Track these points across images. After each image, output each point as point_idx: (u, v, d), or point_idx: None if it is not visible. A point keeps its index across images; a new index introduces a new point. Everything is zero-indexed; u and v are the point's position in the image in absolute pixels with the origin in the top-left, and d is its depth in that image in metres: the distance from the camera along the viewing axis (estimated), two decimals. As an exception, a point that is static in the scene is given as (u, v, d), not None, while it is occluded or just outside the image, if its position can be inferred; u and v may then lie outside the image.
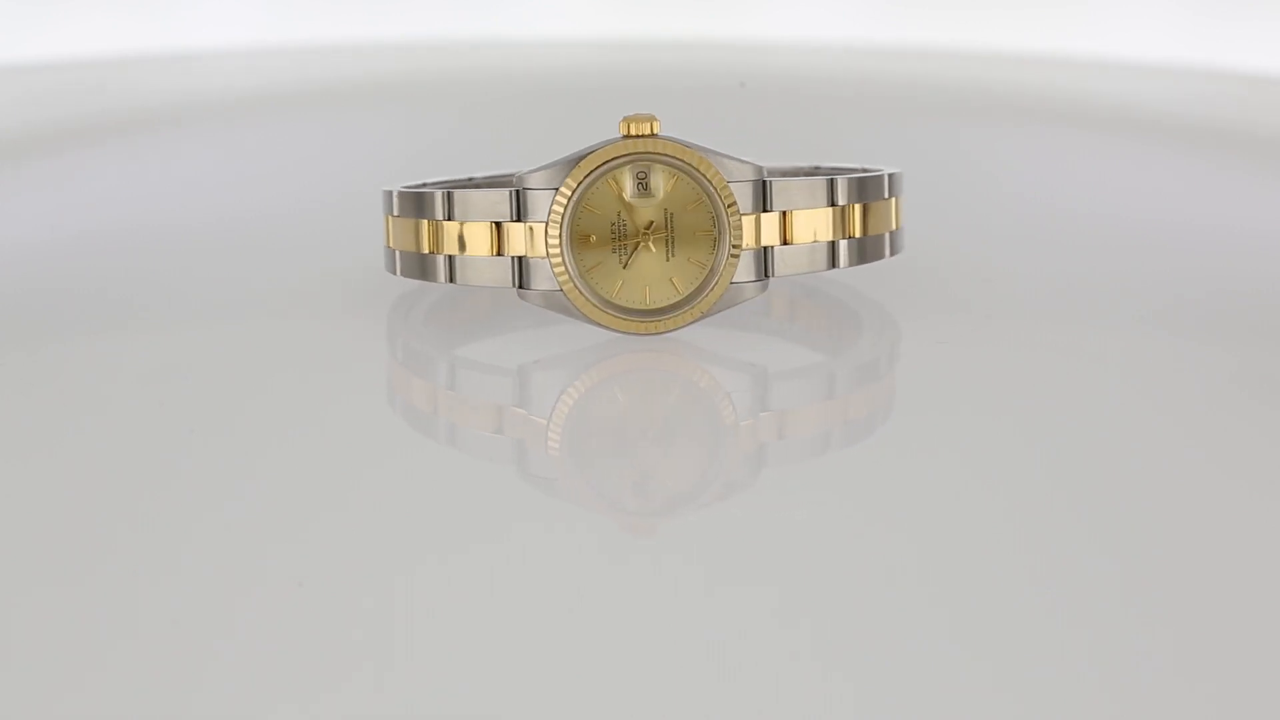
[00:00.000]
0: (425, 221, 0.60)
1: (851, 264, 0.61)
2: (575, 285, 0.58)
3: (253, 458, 0.52)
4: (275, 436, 0.54)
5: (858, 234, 0.61)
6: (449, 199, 0.60)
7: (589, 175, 0.58)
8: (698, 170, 0.58)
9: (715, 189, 0.58)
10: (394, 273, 0.62)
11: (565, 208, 0.58)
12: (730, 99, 1.00)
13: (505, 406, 0.58)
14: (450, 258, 0.60)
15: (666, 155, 0.58)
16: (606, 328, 0.59)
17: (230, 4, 1.23)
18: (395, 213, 0.62)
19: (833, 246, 0.60)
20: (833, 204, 0.60)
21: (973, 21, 1.23)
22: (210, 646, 0.42)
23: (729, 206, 0.58)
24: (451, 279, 0.60)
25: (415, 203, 0.61)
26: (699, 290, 0.58)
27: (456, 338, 0.65)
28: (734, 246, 0.58)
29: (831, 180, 0.60)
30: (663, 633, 0.42)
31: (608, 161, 0.58)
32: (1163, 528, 0.48)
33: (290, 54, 1.20)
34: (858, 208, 0.61)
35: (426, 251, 0.61)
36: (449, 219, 0.60)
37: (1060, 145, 0.95)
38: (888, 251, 0.62)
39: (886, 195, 0.62)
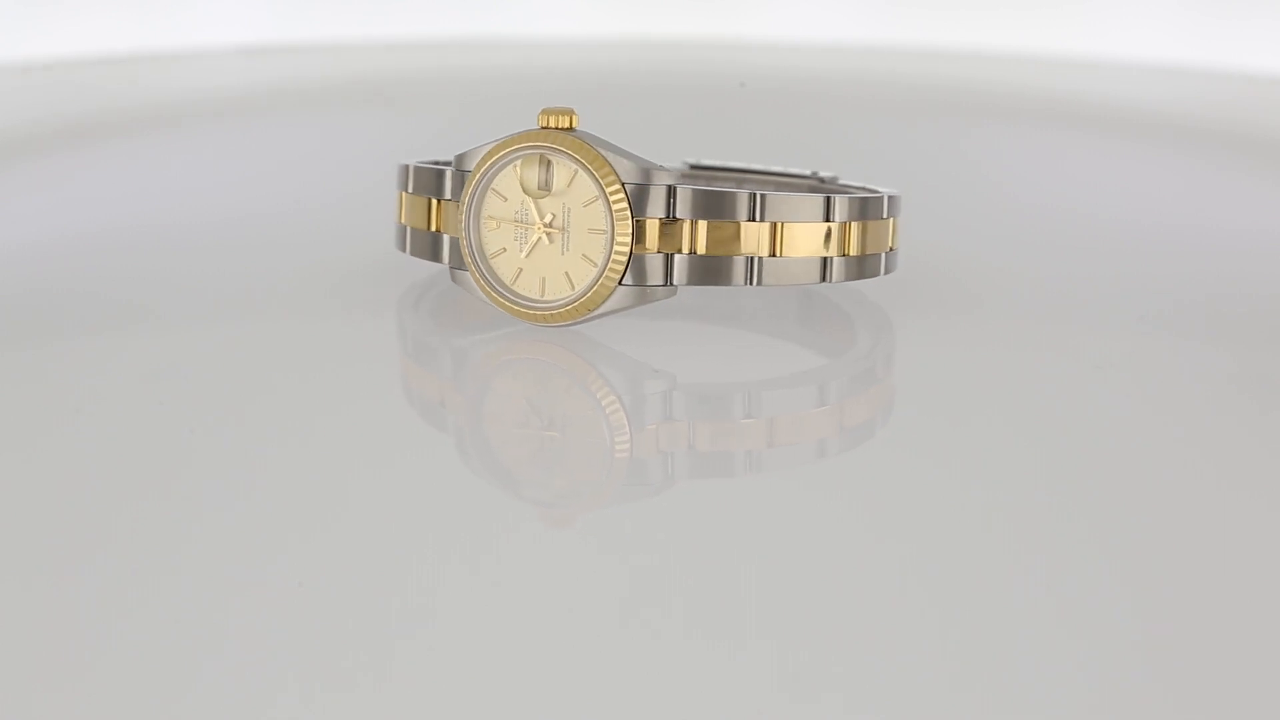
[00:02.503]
0: (433, 200, 0.61)
1: (846, 279, 0.61)
2: (477, 267, 0.59)
3: (247, 454, 0.52)
4: (254, 429, 0.54)
5: (853, 252, 0.60)
6: (459, 178, 0.60)
7: (494, 161, 0.58)
8: (591, 169, 0.57)
9: (605, 189, 0.57)
10: (403, 250, 0.63)
11: (472, 191, 0.59)
12: (730, 99, 1.00)
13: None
14: (455, 240, 0.61)
15: (564, 150, 0.57)
16: (504, 313, 0.59)
17: (232, 4, 1.23)
18: (410, 190, 0.62)
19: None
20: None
21: (972, 22, 1.23)
22: (210, 646, 0.42)
23: (617, 208, 0.57)
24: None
25: (429, 180, 0.61)
26: (589, 288, 0.58)
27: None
28: (619, 248, 0.58)
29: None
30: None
31: (512, 150, 0.58)
32: (1160, 527, 0.48)
33: (289, 53, 1.20)
34: (854, 226, 0.60)
35: (435, 230, 0.61)
36: (453, 199, 0.60)
37: (1061, 146, 0.95)
38: (881, 270, 0.62)
39: (884, 216, 0.61)
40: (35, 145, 0.91)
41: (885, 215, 0.61)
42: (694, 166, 0.69)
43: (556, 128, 0.58)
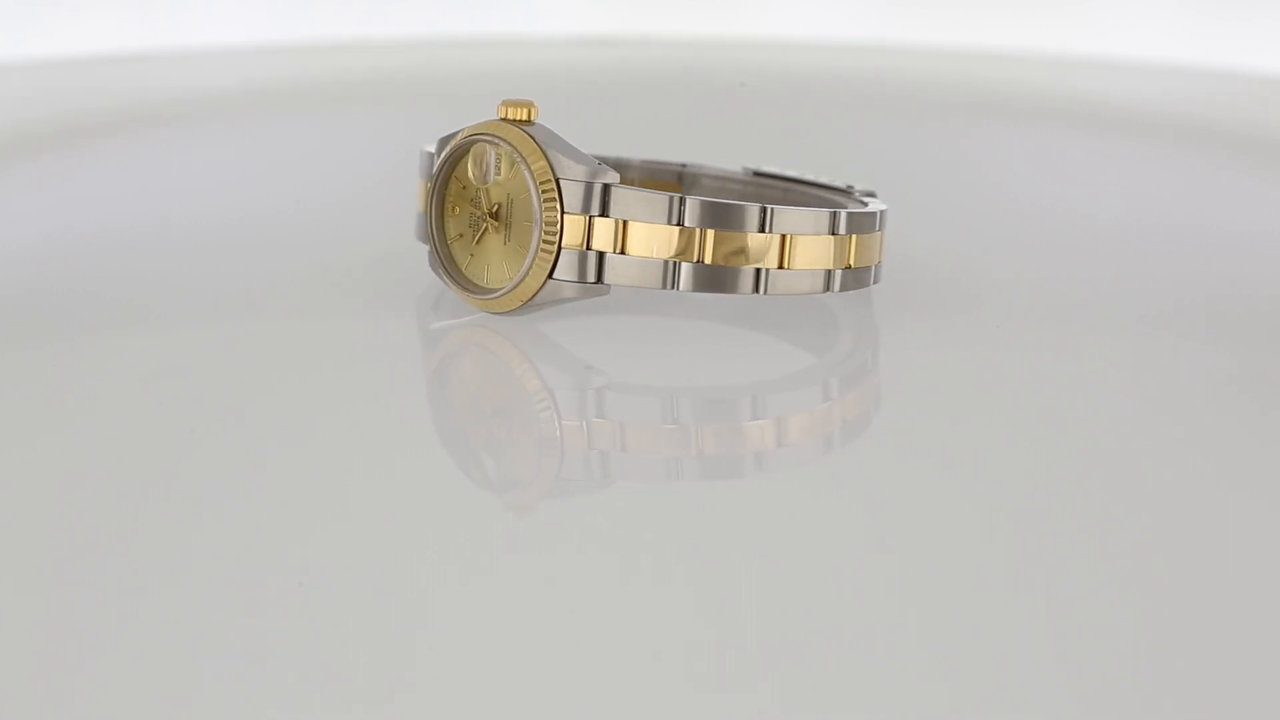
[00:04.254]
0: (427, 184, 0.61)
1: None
2: (437, 250, 0.60)
3: (246, 454, 0.52)
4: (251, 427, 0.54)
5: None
6: None
7: (453, 149, 0.59)
8: (527, 162, 0.58)
9: (537, 182, 0.57)
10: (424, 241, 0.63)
11: (436, 176, 0.60)
12: (730, 98, 1.00)
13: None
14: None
15: (507, 142, 0.58)
16: (458, 295, 0.60)
17: (232, 3, 1.23)
18: (420, 175, 0.63)
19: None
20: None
21: (971, 21, 1.23)
22: (210, 647, 0.42)
23: (546, 201, 0.57)
24: None
25: (427, 165, 0.62)
26: (520, 278, 0.58)
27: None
28: (545, 241, 0.58)
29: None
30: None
31: (467, 138, 0.59)
32: (1160, 527, 0.48)
33: (290, 52, 1.20)
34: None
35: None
36: None
37: (1061, 146, 0.95)
38: (871, 281, 0.62)
39: (877, 229, 0.61)
40: (35, 145, 0.91)
41: (878, 229, 0.61)
42: (756, 174, 0.69)
43: (513, 120, 0.58)
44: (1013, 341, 0.64)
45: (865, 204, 0.64)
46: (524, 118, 0.58)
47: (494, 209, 0.59)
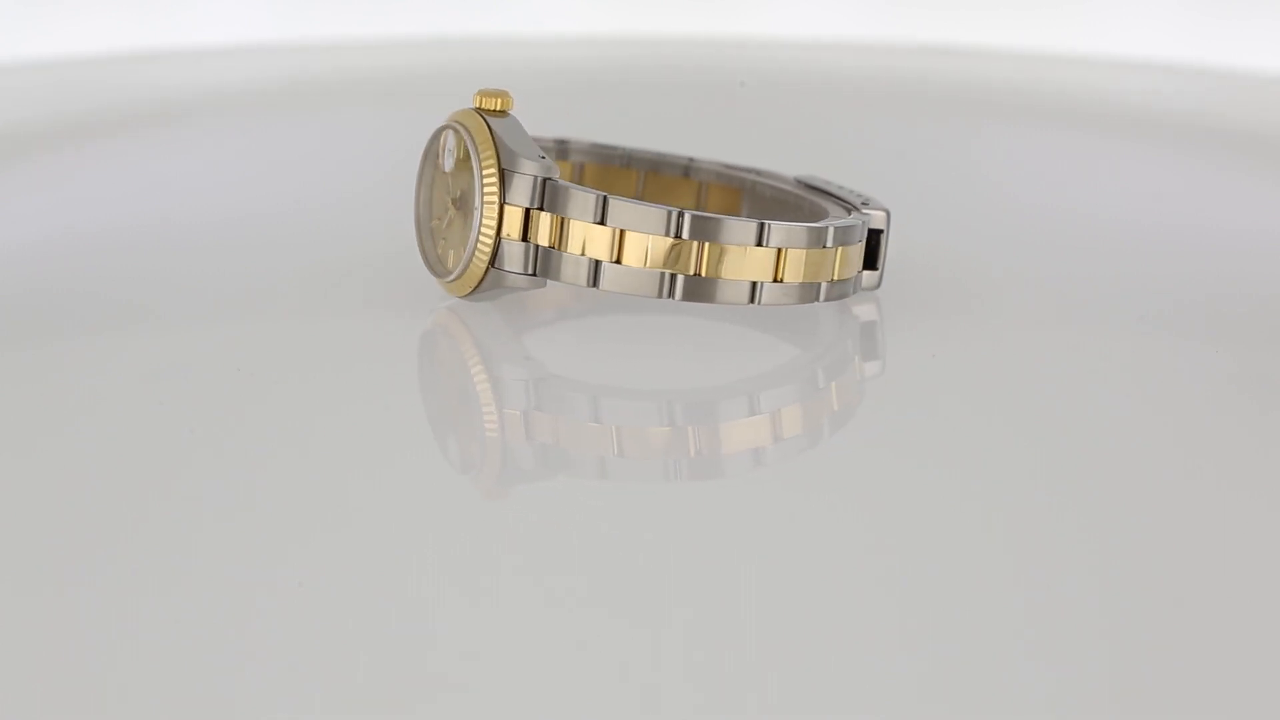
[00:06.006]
0: None
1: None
2: (419, 233, 0.62)
3: (246, 455, 0.52)
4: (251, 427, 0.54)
5: (836, 277, 0.60)
6: None
7: (433, 136, 0.61)
8: (479, 151, 0.58)
9: (482, 172, 0.58)
10: None
11: (420, 164, 0.61)
12: (731, 97, 1.00)
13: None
14: None
15: (466, 130, 0.59)
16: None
17: (233, 2, 1.23)
18: None
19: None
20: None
21: (970, 20, 1.23)
22: (209, 647, 0.42)
23: (487, 191, 0.58)
24: None
25: None
26: (465, 266, 0.59)
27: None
28: (484, 230, 0.58)
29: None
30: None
31: (443, 126, 0.60)
32: (1160, 527, 0.48)
33: (291, 50, 1.20)
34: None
35: None
36: None
37: (1061, 145, 0.95)
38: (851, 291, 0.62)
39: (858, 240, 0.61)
40: (36, 144, 0.91)
41: (858, 240, 0.61)
42: (801, 182, 0.69)
43: (487, 109, 0.59)
44: (1012, 341, 0.64)
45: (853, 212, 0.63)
46: (496, 108, 0.59)
47: (458, 195, 0.60)
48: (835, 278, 0.60)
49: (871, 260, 0.62)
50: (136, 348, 0.61)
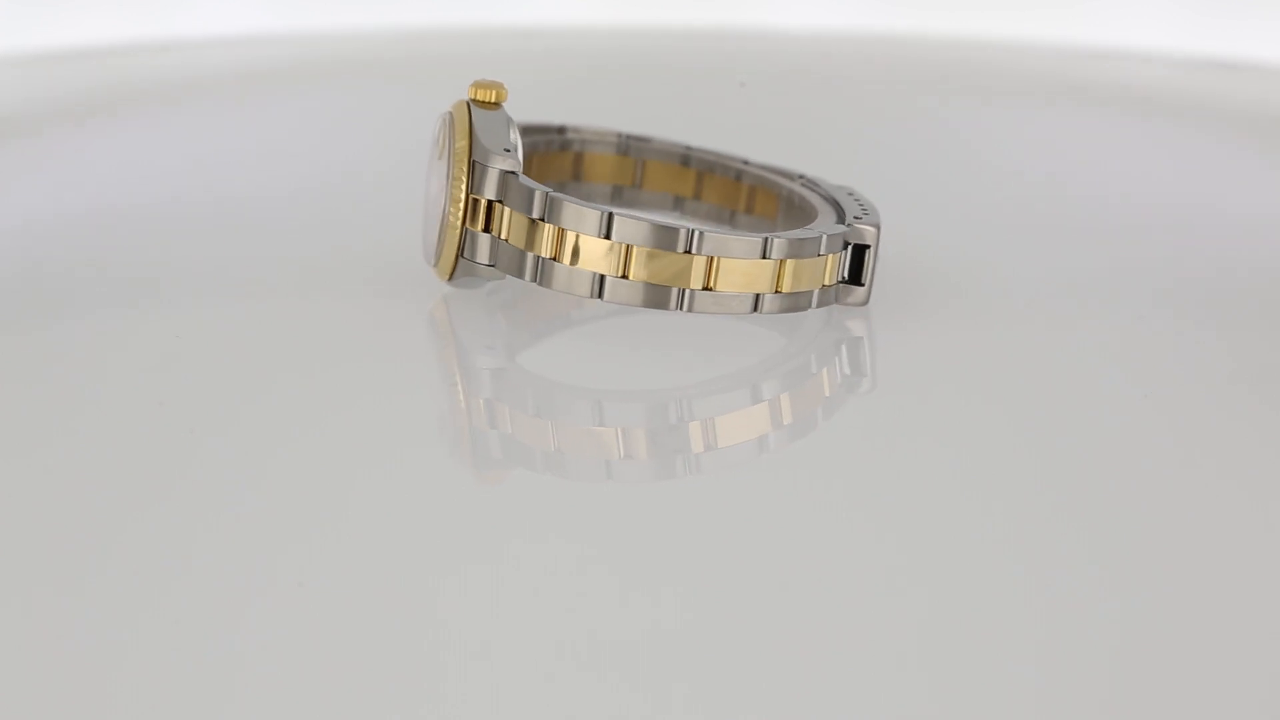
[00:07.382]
0: None
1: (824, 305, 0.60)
2: (427, 224, 0.61)
3: (247, 449, 0.52)
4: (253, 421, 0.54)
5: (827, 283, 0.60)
6: None
7: (436, 126, 0.61)
8: (454, 139, 0.58)
9: (453, 160, 0.58)
10: None
11: (429, 152, 0.61)
12: (730, 92, 1.00)
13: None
14: None
15: (449, 120, 0.59)
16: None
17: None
18: None
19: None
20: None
21: (971, 8, 1.23)
22: (211, 646, 0.42)
23: (454, 180, 0.58)
24: None
25: None
26: (438, 254, 0.59)
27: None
28: (450, 219, 0.58)
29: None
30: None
31: (441, 114, 0.60)
32: (1159, 524, 0.48)
33: (295, 37, 1.20)
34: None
35: None
36: None
37: (1060, 135, 0.95)
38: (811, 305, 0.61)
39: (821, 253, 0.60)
40: (38, 126, 0.91)
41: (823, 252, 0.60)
42: (804, 181, 0.68)
43: (481, 100, 0.59)
44: (1012, 332, 0.64)
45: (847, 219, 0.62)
46: (489, 99, 0.59)
47: (443, 184, 0.60)
48: (825, 283, 0.59)
49: (858, 276, 0.61)
50: (143, 334, 0.61)
